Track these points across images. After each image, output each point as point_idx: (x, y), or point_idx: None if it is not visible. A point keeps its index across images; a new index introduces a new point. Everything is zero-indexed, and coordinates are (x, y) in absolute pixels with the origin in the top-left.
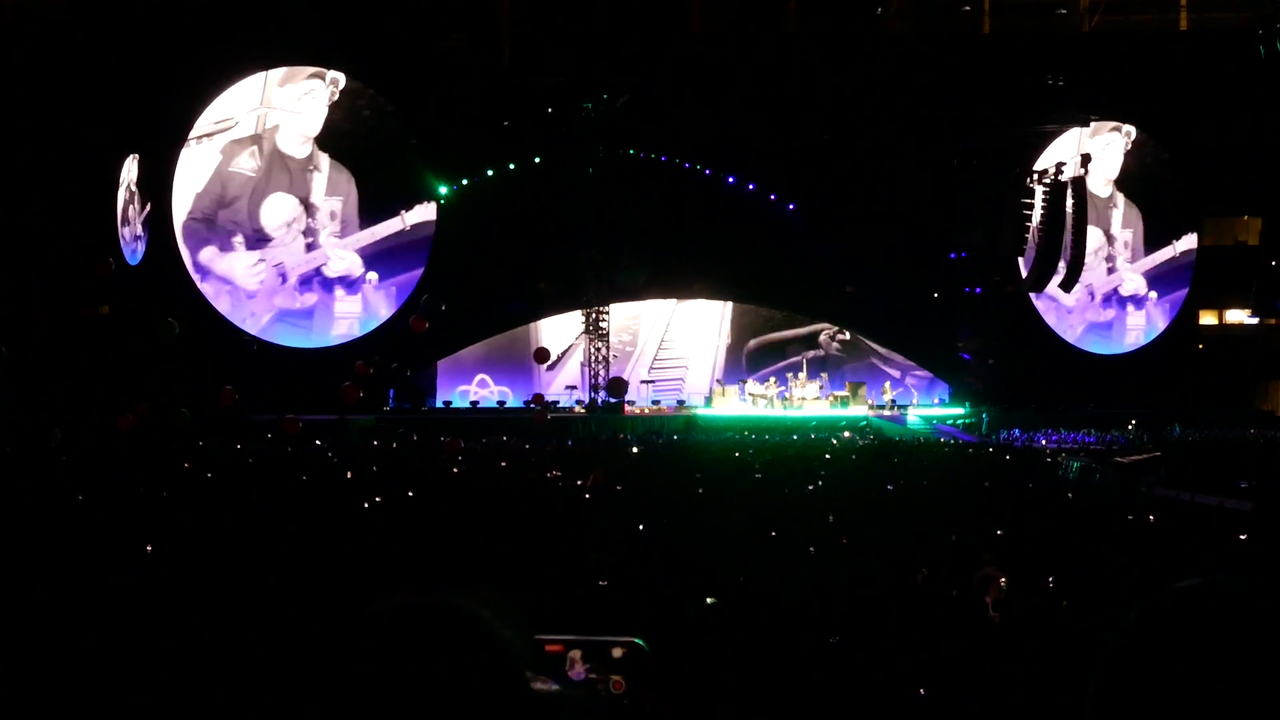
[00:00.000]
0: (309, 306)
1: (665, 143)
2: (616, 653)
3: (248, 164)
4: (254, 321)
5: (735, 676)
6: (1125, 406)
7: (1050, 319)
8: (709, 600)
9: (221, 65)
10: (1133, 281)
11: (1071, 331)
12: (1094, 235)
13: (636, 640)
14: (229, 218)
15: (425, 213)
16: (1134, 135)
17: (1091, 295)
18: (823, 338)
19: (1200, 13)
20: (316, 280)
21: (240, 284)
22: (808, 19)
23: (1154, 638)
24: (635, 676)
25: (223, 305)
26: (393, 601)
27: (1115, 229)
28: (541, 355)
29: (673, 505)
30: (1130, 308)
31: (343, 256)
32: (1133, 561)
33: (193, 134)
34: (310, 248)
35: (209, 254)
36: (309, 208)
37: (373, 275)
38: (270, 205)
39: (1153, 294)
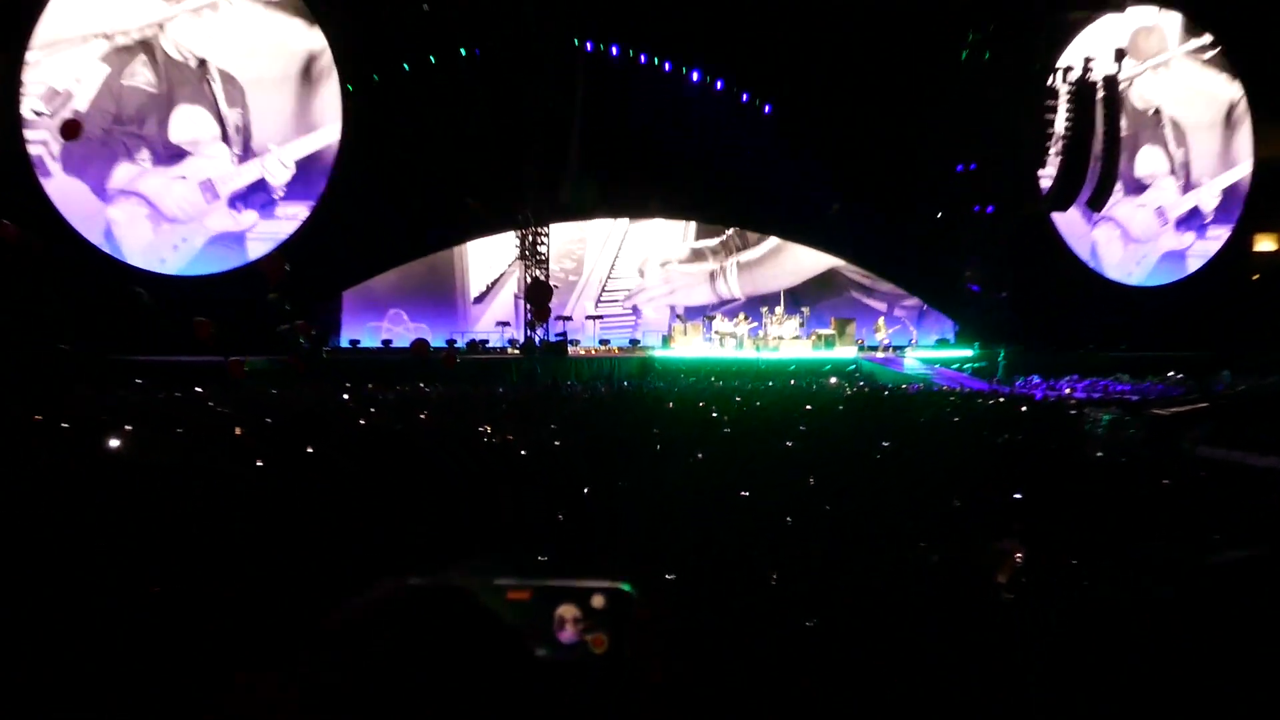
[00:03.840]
0: (244, 228)
1: (619, 31)
2: (597, 601)
3: (144, 76)
4: (186, 248)
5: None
6: (1165, 348)
7: (1113, 249)
8: (669, 577)
9: None
10: (1211, 199)
11: (1144, 263)
12: (1155, 153)
13: (622, 585)
14: (129, 133)
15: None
16: (1181, 28)
17: (1164, 219)
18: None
19: None
20: (255, 197)
21: (165, 208)
22: None
23: (1192, 617)
24: (620, 632)
25: (141, 234)
26: (383, 586)
27: (1171, 145)
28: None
29: (625, 465)
30: (1209, 231)
31: (285, 165)
32: (1171, 532)
33: (68, 36)
34: (243, 158)
35: (126, 173)
36: (220, 120)
37: None
38: (180, 118)
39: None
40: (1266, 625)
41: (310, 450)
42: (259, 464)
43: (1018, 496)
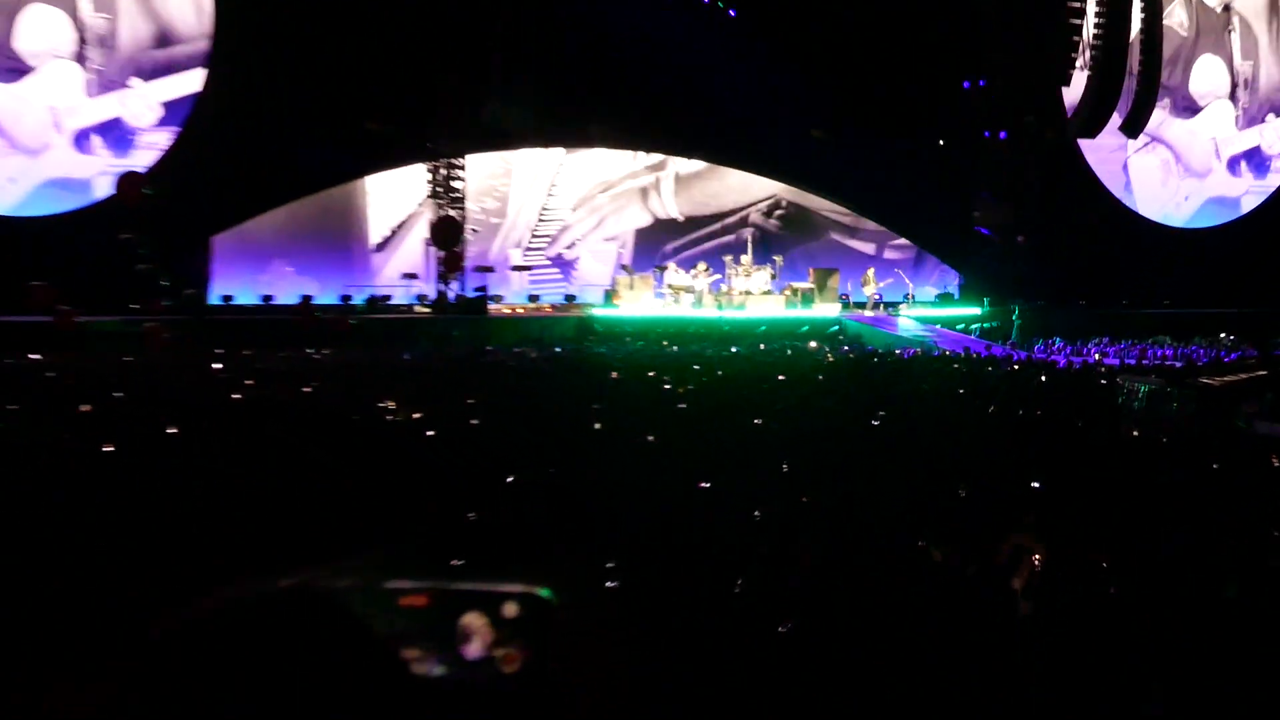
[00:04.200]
0: (90, 176)
1: None
2: (510, 609)
3: None
4: (13, 189)
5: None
6: (1215, 305)
7: (1147, 188)
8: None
9: None
10: (1275, 140)
11: (1190, 201)
12: (1215, 67)
13: (540, 591)
14: None
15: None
16: None
17: (1217, 153)
18: (753, 214)
19: None
20: (109, 135)
21: (9, 128)
22: None
23: (1245, 627)
24: (537, 647)
25: None
26: (239, 589)
27: (1237, 55)
28: None
29: (557, 450)
30: (1271, 164)
31: (151, 108)
32: (1225, 522)
33: None
34: (104, 88)
35: None
36: (79, 29)
37: None
38: (30, 21)
39: None
40: None
41: (171, 432)
42: (104, 448)
43: (1036, 485)
